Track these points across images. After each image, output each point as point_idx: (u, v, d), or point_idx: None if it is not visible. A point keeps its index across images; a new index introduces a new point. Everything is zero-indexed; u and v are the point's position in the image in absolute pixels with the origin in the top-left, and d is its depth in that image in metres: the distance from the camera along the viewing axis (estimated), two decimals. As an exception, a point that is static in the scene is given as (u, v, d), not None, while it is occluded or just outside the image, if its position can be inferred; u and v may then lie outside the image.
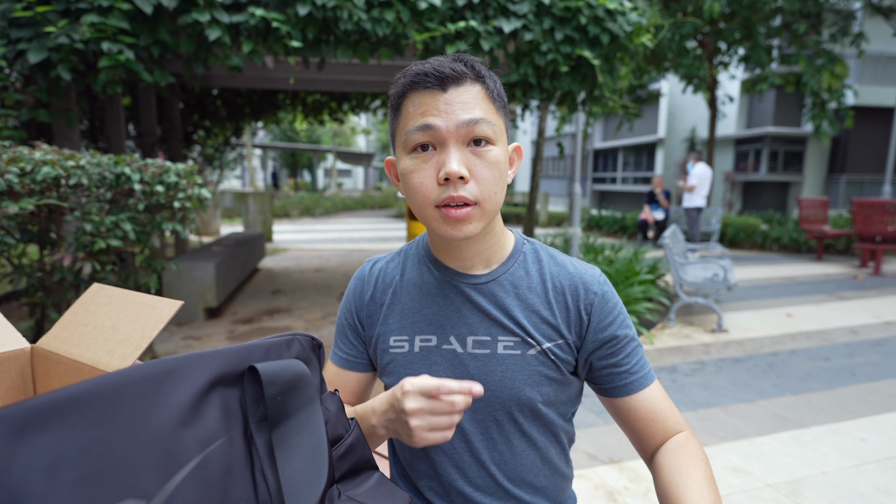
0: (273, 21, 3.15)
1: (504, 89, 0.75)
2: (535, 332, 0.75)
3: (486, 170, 0.68)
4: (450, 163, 0.66)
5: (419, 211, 0.70)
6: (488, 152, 0.68)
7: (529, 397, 0.75)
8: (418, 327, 0.79)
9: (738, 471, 2.28)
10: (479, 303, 0.76)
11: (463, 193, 0.66)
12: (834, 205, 14.21)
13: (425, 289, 0.80)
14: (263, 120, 8.03)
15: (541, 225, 13.31)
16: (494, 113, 0.70)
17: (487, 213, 0.69)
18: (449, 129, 0.66)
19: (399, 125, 0.71)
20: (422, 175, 0.68)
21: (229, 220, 14.22)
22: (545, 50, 3.65)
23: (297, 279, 6.30)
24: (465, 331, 0.76)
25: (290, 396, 0.47)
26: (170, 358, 0.40)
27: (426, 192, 0.68)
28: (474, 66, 0.70)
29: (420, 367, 0.77)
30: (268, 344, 0.50)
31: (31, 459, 0.32)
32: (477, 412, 0.76)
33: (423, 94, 0.68)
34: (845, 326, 4.50)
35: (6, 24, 2.94)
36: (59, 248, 2.59)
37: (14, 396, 0.64)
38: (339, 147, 27.24)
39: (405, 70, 0.71)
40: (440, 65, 0.67)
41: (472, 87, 0.68)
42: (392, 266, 0.85)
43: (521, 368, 0.74)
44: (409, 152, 0.70)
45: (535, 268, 0.79)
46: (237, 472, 0.41)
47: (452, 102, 0.67)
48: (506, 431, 0.76)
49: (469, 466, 0.77)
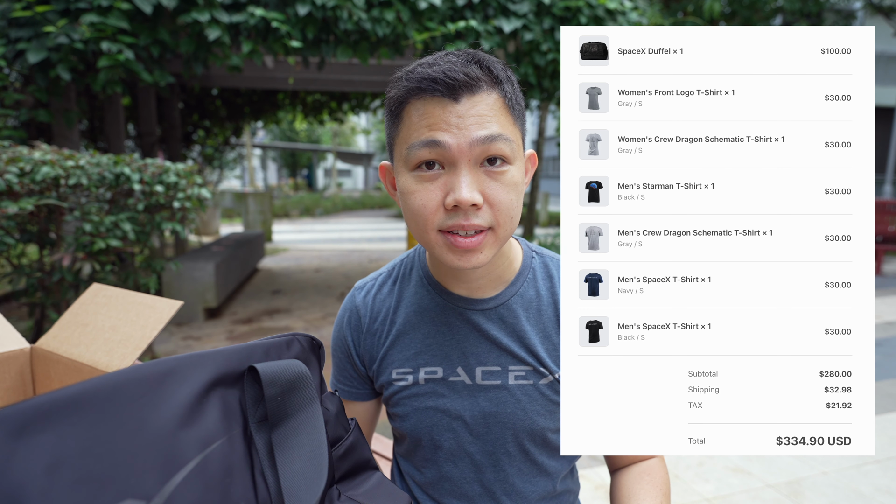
0: (273, 21, 3.15)
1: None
2: (549, 358, 0.70)
3: (503, 193, 0.59)
4: (460, 189, 0.56)
5: (419, 236, 0.62)
6: (504, 173, 0.59)
7: (542, 427, 0.70)
8: (422, 359, 0.72)
9: (738, 471, 2.28)
10: (487, 331, 0.70)
11: (475, 221, 0.58)
12: (834, 205, 14.21)
13: (427, 316, 0.73)
14: (263, 120, 8.04)
15: (541, 225, 13.31)
16: (512, 125, 0.61)
17: (500, 240, 0.61)
18: (461, 148, 0.57)
19: (399, 135, 0.62)
20: (425, 197, 0.59)
21: (229, 220, 14.22)
22: (545, 50, 3.65)
23: (296, 279, 6.30)
24: (474, 361, 0.70)
25: (290, 397, 0.46)
26: (169, 358, 0.40)
27: (429, 217, 0.59)
28: (491, 68, 0.60)
29: (426, 399, 0.72)
30: (267, 344, 0.49)
31: (31, 460, 0.32)
32: (488, 443, 0.72)
33: (429, 103, 0.58)
34: (845, 326, 4.50)
35: (6, 24, 2.94)
36: (59, 248, 2.59)
37: (13, 397, 0.64)
38: (338, 147, 27.25)
39: (407, 70, 0.61)
40: (451, 69, 0.57)
41: (487, 96, 0.58)
42: (385, 291, 0.77)
43: (535, 399, 0.70)
44: (410, 169, 0.60)
45: (545, 285, 0.73)
46: (237, 473, 0.41)
47: (465, 116, 0.57)
48: (517, 461, 0.72)
49: (479, 496, 0.74)
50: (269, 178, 29.58)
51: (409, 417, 0.74)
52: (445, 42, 3.45)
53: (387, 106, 0.64)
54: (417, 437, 0.74)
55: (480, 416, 0.71)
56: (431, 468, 0.75)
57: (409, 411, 0.73)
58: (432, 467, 0.75)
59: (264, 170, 25.45)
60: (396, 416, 0.75)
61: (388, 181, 0.70)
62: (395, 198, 0.67)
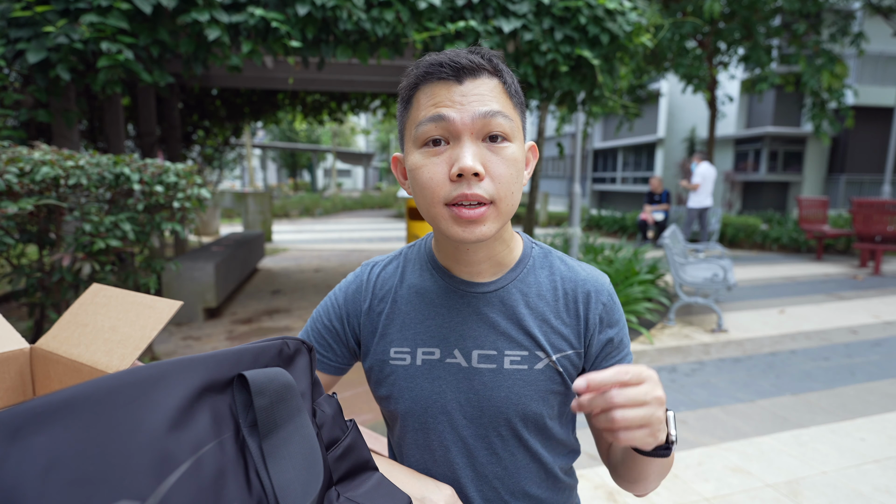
0: (272, 21, 3.15)
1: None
2: (546, 342, 0.72)
3: (503, 167, 0.63)
4: (464, 157, 0.61)
5: (427, 210, 0.66)
6: (505, 149, 0.64)
7: (536, 412, 0.72)
8: (421, 339, 0.74)
9: (738, 471, 2.28)
10: (485, 314, 0.73)
11: (477, 191, 0.62)
12: (834, 205, 14.21)
13: (428, 297, 0.75)
14: (263, 120, 8.03)
15: (540, 225, 13.31)
16: (512, 108, 0.66)
17: (503, 214, 0.65)
18: (464, 122, 0.62)
19: (409, 118, 0.67)
20: (432, 170, 0.63)
21: (229, 220, 14.22)
22: (545, 50, 3.65)
23: (296, 279, 6.30)
24: (471, 344, 0.72)
25: (278, 407, 0.46)
26: (161, 362, 0.41)
27: (436, 189, 0.63)
28: (492, 59, 0.66)
29: (423, 380, 0.74)
30: (257, 349, 0.49)
31: (26, 461, 0.32)
32: (481, 427, 0.73)
33: (437, 86, 0.64)
34: (845, 326, 4.50)
35: (5, 24, 2.94)
36: (59, 248, 2.59)
37: (13, 397, 0.64)
38: (338, 147, 27.24)
39: (418, 61, 0.67)
40: (456, 55, 0.63)
41: (489, 81, 0.64)
42: (390, 270, 0.80)
43: (529, 384, 0.72)
44: (419, 146, 0.65)
45: (544, 273, 0.75)
46: (230, 475, 0.41)
47: (468, 94, 0.63)
48: (510, 446, 0.74)
49: (471, 481, 0.75)
50: (269, 178, 29.58)
51: (403, 398, 0.74)
52: (445, 42, 3.45)
53: (400, 96, 0.69)
54: (411, 418, 0.75)
55: (475, 399, 0.72)
56: (424, 451, 0.76)
57: (403, 391, 0.74)
58: (425, 451, 0.76)
59: (264, 170, 25.43)
60: (391, 396, 0.76)
61: (398, 171, 0.73)
62: (405, 187, 0.71)
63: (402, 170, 0.72)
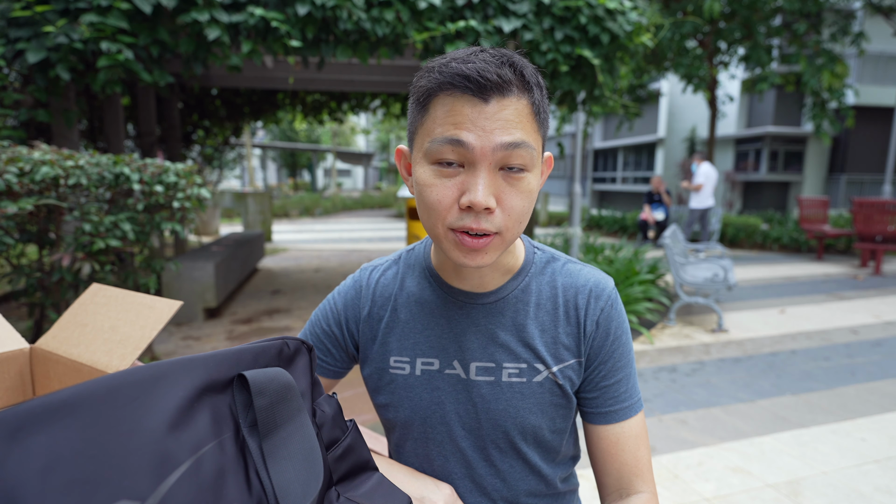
0: (272, 21, 3.15)
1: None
2: (546, 353, 0.70)
3: (517, 199, 0.60)
4: (477, 191, 0.57)
5: (430, 227, 0.63)
6: (521, 180, 0.59)
7: (534, 426, 0.71)
8: (420, 349, 0.73)
9: (738, 471, 2.28)
10: (484, 325, 0.71)
11: (485, 225, 0.59)
12: (834, 204, 14.21)
13: (427, 307, 0.73)
14: (263, 120, 8.03)
15: (541, 224, 13.31)
16: (535, 133, 0.61)
17: (507, 243, 0.62)
18: (483, 151, 0.57)
19: (423, 126, 0.61)
20: (441, 193, 0.59)
21: (229, 220, 14.22)
22: (545, 49, 3.64)
23: (296, 279, 6.30)
24: (469, 356, 0.71)
25: (279, 407, 0.46)
26: (161, 362, 0.41)
27: (443, 213, 0.60)
28: (524, 73, 0.59)
29: (422, 390, 0.73)
30: (257, 349, 0.49)
31: (26, 461, 0.32)
32: (479, 439, 0.72)
33: (458, 100, 0.57)
34: (845, 326, 4.49)
35: (5, 24, 2.94)
36: (58, 248, 2.59)
37: (13, 397, 0.64)
38: (338, 147, 27.23)
39: (441, 61, 0.60)
40: (485, 69, 0.56)
41: (517, 101, 0.58)
42: (389, 276, 0.78)
43: (527, 397, 0.70)
44: (430, 162, 0.60)
45: (546, 280, 0.73)
46: (230, 475, 0.41)
47: (492, 118, 0.57)
48: (508, 458, 0.73)
49: (470, 492, 0.74)
50: (269, 177, 29.57)
51: (402, 407, 0.74)
52: (445, 42, 3.45)
53: (414, 94, 0.63)
54: (409, 427, 0.74)
55: (473, 411, 0.72)
56: (422, 461, 0.75)
57: (402, 400, 0.74)
58: (423, 460, 0.75)
59: (264, 170, 25.44)
60: (390, 405, 0.75)
61: (402, 165, 0.69)
62: (408, 182, 0.67)
63: (407, 165, 0.68)
